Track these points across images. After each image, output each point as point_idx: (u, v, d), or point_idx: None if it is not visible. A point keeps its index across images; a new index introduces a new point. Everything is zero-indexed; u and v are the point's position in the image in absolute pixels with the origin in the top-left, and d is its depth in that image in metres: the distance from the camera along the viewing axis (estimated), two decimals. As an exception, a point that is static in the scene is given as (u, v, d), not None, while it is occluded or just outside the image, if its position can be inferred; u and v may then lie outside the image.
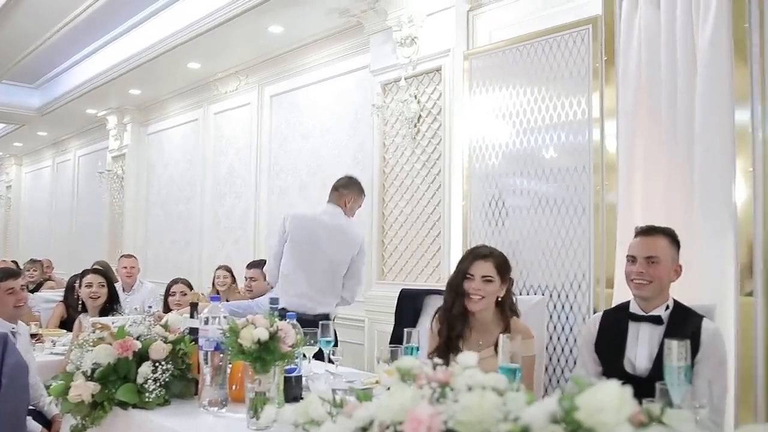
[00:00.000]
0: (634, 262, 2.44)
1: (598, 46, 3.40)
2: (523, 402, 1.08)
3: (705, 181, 3.00)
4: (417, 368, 1.28)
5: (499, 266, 2.56)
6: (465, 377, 1.19)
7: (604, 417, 0.89)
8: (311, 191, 5.74)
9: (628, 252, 2.47)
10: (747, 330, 2.83)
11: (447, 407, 1.08)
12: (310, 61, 5.76)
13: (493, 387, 1.15)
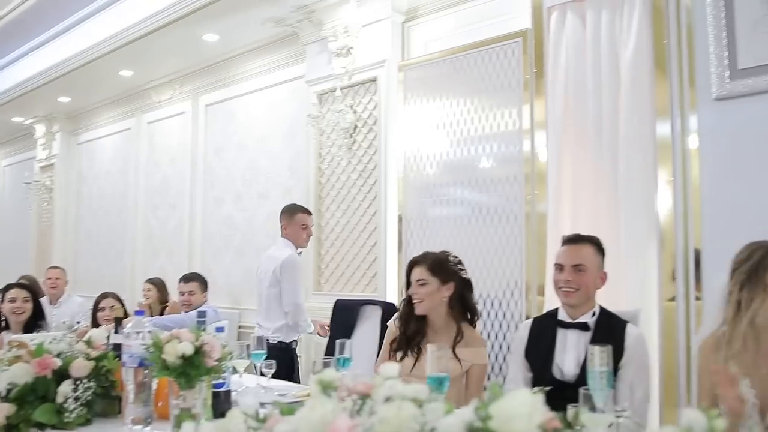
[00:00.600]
0: (561, 270, 2.48)
1: (527, 59, 3.49)
2: (442, 412, 1.08)
3: (629, 191, 3.11)
4: (338, 380, 1.26)
5: (432, 267, 2.60)
6: (386, 388, 1.18)
7: (516, 425, 0.89)
8: (247, 202, 5.66)
9: (556, 260, 2.52)
10: (670, 334, 2.94)
11: (365, 419, 1.07)
12: (245, 71, 5.69)
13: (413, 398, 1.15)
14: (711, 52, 2.86)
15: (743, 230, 2.70)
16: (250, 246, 5.59)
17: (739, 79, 2.80)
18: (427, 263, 2.62)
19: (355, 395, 1.20)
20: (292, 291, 3.79)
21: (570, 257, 2.47)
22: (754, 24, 2.77)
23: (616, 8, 3.23)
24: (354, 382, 1.24)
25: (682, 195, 2.95)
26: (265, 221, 5.45)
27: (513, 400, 0.91)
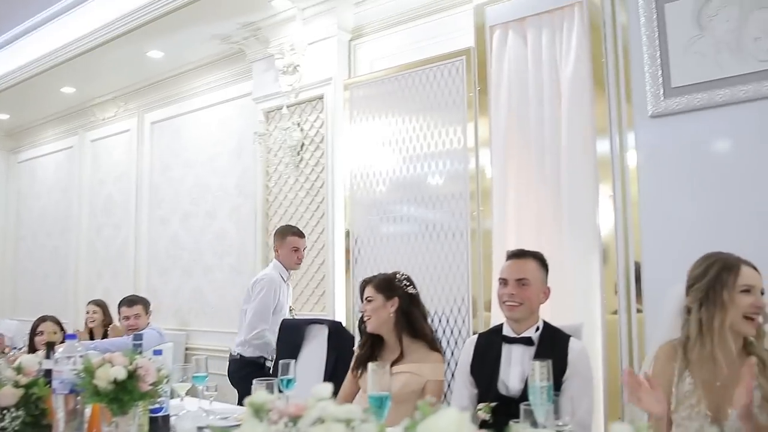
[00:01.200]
0: (505, 284, 2.49)
1: (471, 78, 3.53)
2: None
3: (572, 207, 3.17)
4: (270, 403, 1.23)
5: (378, 285, 2.67)
6: (317, 410, 1.16)
7: (444, 444, 0.88)
8: (194, 221, 5.56)
9: (500, 275, 2.52)
10: (613, 346, 2.99)
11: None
12: (192, 88, 5.61)
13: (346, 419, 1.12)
14: (646, 71, 2.95)
15: (681, 243, 2.80)
16: (198, 265, 5.48)
17: (672, 97, 2.89)
18: (375, 282, 2.69)
19: (286, 417, 1.18)
20: (254, 310, 3.76)
21: (514, 272, 2.49)
22: (685, 44, 2.87)
23: (556, 27, 3.30)
24: (285, 404, 1.21)
25: (622, 210, 3.01)
26: (213, 240, 5.37)
27: (440, 419, 0.89)
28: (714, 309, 1.92)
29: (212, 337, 5.23)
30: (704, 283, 1.96)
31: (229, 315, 5.17)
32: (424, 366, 2.55)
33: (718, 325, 1.91)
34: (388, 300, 2.63)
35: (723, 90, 2.78)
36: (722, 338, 1.91)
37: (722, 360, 1.90)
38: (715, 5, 2.82)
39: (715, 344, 1.91)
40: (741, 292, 1.92)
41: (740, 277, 1.93)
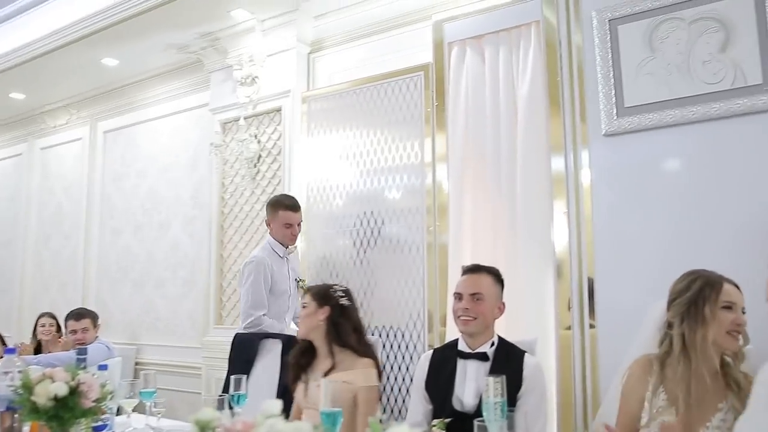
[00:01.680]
0: (460, 299, 2.49)
1: (429, 93, 3.55)
2: (322, 450, 1.03)
3: (527, 223, 3.20)
4: (216, 420, 1.20)
5: (314, 293, 2.71)
6: (266, 427, 1.13)
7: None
8: (147, 232, 5.43)
9: (455, 290, 2.54)
10: (566, 361, 3.01)
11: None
12: (147, 97, 5.51)
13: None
14: (600, 90, 3.01)
15: (633, 260, 2.85)
16: (150, 277, 5.35)
17: (625, 116, 2.96)
18: (312, 290, 2.74)
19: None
20: (244, 296, 3.49)
21: (468, 286, 2.50)
22: (637, 65, 2.94)
23: (513, 46, 3.35)
24: (232, 422, 1.17)
25: (576, 226, 3.05)
26: (166, 252, 5.25)
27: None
28: (696, 324, 1.94)
29: (164, 352, 5.11)
30: (686, 298, 1.99)
31: (182, 329, 5.06)
32: (353, 373, 2.52)
33: (701, 340, 1.93)
34: (320, 308, 2.64)
35: (673, 111, 2.85)
36: (705, 353, 1.93)
37: (706, 375, 1.91)
38: (666, 28, 2.90)
39: (699, 359, 1.92)
40: (723, 308, 1.95)
41: (722, 293, 1.96)
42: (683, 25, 2.87)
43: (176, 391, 4.62)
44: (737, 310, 1.96)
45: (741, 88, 2.73)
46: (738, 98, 2.72)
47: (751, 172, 2.66)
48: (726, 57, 2.77)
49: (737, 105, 2.72)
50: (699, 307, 1.95)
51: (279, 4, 4.17)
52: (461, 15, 3.52)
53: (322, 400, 1.82)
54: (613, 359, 2.53)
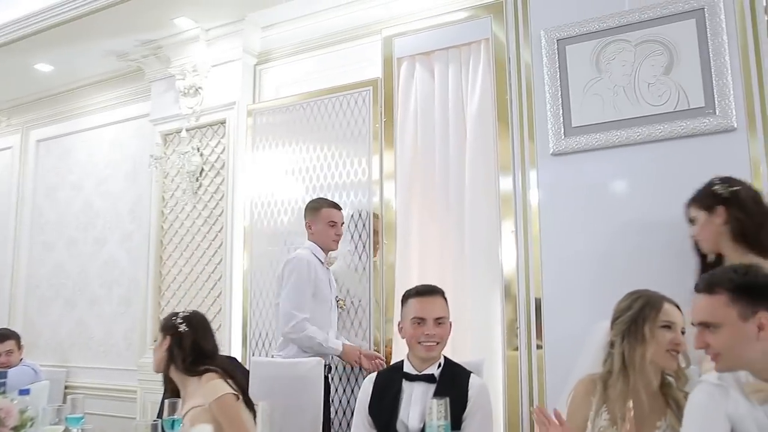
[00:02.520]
0: (422, 323, 2.41)
1: (378, 109, 3.50)
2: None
3: (475, 243, 3.17)
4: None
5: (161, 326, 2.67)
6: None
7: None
8: (82, 247, 5.18)
9: (415, 314, 2.42)
10: (513, 382, 2.97)
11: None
12: (84, 105, 5.28)
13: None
14: (548, 109, 3.01)
15: (580, 280, 2.84)
16: (83, 296, 5.10)
17: (572, 136, 2.96)
18: (161, 322, 2.68)
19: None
20: (286, 297, 3.13)
21: (431, 310, 2.43)
22: (584, 86, 2.95)
23: (462, 63, 3.34)
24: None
25: (524, 246, 3.02)
26: (102, 268, 5.02)
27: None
28: (635, 342, 1.97)
29: (96, 375, 4.86)
30: (627, 317, 2.01)
31: (116, 350, 4.83)
32: (198, 393, 2.44)
33: (639, 359, 1.95)
34: (163, 339, 2.58)
35: (619, 131, 2.87)
36: (643, 372, 1.95)
37: (643, 393, 1.93)
38: (613, 50, 2.93)
39: (637, 377, 1.95)
40: (662, 327, 1.97)
41: (662, 313, 1.98)
42: (629, 47, 2.90)
43: (110, 416, 4.41)
44: (676, 329, 1.98)
45: (684, 110, 2.77)
46: (681, 120, 2.76)
47: (695, 193, 2.69)
48: (670, 80, 2.81)
49: (681, 127, 2.76)
50: (639, 326, 1.97)
51: (225, 13, 4.07)
52: (411, 31, 3.49)
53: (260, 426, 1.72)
54: (560, 379, 2.51)
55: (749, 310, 1.61)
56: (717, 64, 2.72)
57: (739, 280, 1.65)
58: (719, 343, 1.64)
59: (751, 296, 1.63)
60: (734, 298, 1.63)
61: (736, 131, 2.66)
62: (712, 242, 2.36)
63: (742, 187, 2.36)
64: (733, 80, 2.68)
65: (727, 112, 2.68)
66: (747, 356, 1.63)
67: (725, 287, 1.65)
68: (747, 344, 1.61)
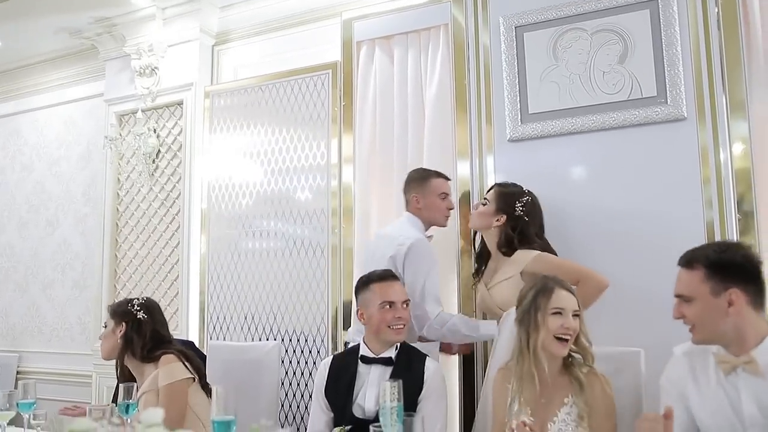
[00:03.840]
0: (391, 307, 2.41)
1: (337, 92, 3.48)
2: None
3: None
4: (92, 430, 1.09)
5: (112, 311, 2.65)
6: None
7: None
8: (33, 230, 5.05)
9: (383, 298, 2.42)
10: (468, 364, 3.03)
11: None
12: (35, 84, 5.12)
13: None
14: (505, 95, 3.05)
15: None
16: (35, 279, 4.98)
17: (529, 122, 3.01)
18: (111, 308, 2.68)
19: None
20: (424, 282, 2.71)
21: (398, 293, 2.45)
22: (541, 73, 3.00)
23: (422, 47, 3.34)
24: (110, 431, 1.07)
25: (481, 231, 3.06)
26: (55, 251, 4.91)
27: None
28: (530, 329, 2.05)
29: (49, 360, 4.77)
30: (524, 305, 2.09)
31: (70, 334, 4.75)
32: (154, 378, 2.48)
33: (533, 345, 2.03)
34: (116, 326, 2.59)
35: (575, 119, 2.93)
36: (536, 357, 2.03)
37: (537, 378, 2.02)
38: (569, 38, 2.97)
39: (531, 363, 2.03)
40: (552, 314, 2.04)
41: (551, 300, 2.05)
42: (585, 36, 2.95)
43: (64, 402, 4.32)
44: (567, 314, 2.04)
45: (637, 99, 2.84)
46: (634, 109, 2.83)
47: (647, 180, 2.77)
48: (624, 69, 2.87)
49: (633, 115, 2.83)
50: (532, 315, 2.05)
51: (182, -8, 3.99)
52: (371, 14, 3.48)
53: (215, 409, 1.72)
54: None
55: (721, 287, 1.71)
56: (669, 55, 2.78)
57: (716, 257, 1.75)
58: (693, 315, 1.74)
59: (725, 273, 1.72)
60: (709, 274, 1.72)
61: (686, 120, 2.75)
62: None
63: None
64: (684, 70, 2.76)
65: (678, 101, 2.75)
66: (719, 329, 1.73)
67: (702, 263, 1.75)
68: (718, 318, 1.71)
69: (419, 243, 2.77)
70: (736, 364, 1.73)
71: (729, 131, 2.67)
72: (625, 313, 2.66)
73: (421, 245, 2.77)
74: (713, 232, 2.64)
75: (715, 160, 2.69)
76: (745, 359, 1.71)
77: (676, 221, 2.68)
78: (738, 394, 1.72)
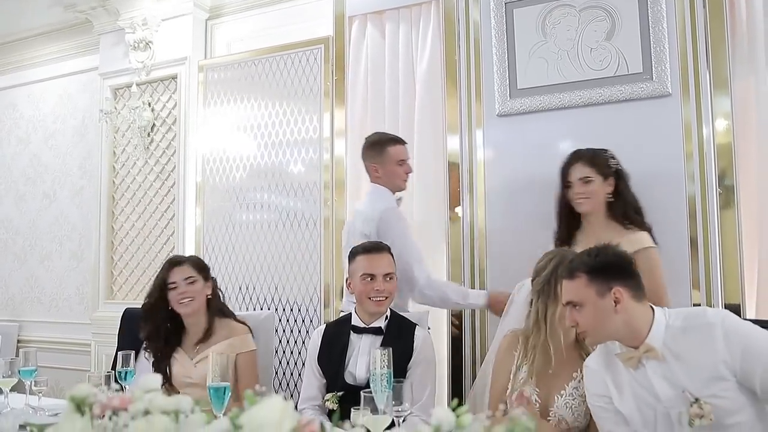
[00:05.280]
0: (373, 279, 2.47)
1: (329, 67, 3.52)
2: (200, 424, 1.03)
3: (422, 201, 3.27)
4: (93, 396, 1.16)
5: (197, 266, 2.67)
6: (145, 402, 1.10)
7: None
8: (30, 202, 5.10)
9: (364, 271, 2.48)
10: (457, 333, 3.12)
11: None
12: (30, 57, 5.11)
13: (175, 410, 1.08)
14: (495, 71, 3.10)
15: (524, 237, 2.95)
16: (34, 251, 5.05)
17: (518, 98, 3.06)
18: (191, 263, 2.68)
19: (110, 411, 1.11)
20: (402, 247, 2.74)
21: (380, 267, 2.48)
22: (530, 48, 3.05)
23: (413, 23, 3.38)
24: (109, 397, 1.14)
25: (469, 204, 3.14)
26: (52, 224, 4.96)
27: (262, 409, 0.88)
28: (548, 301, 2.07)
29: (49, 329, 4.85)
30: (543, 276, 2.11)
31: (69, 304, 4.83)
32: (239, 339, 2.60)
33: (551, 316, 2.06)
34: (206, 281, 2.66)
35: (562, 94, 2.98)
36: (553, 329, 2.07)
37: (552, 349, 2.06)
38: (558, 14, 3.01)
39: (547, 334, 2.06)
40: None
41: None
42: (574, 12, 2.99)
43: (64, 370, 4.43)
44: None
45: (623, 75, 2.89)
46: (620, 85, 2.89)
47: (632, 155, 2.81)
48: (611, 45, 2.92)
49: (620, 91, 2.89)
50: (552, 286, 2.08)
51: (175, -35, 4.00)
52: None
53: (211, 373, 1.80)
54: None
55: (605, 287, 1.77)
56: (655, 32, 2.83)
57: (593, 262, 1.81)
58: (584, 320, 1.81)
59: (605, 275, 1.79)
60: (591, 278, 1.79)
61: (670, 96, 2.80)
62: (596, 206, 2.58)
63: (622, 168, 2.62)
64: (669, 48, 2.81)
65: (663, 78, 2.81)
66: (610, 328, 1.80)
67: (582, 270, 1.80)
68: (607, 318, 1.78)
69: (386, 214, 2.83)
70: (639, 357, 1.79)
71: (712, 107, 2.74)
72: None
73: (388, 215, 2.83)
74: (695, 206, 2.72)
75: (698, 136, 2.75)
76: (644, 349, 1.78)
77: (659, 195, 2.75)
78: (650, 382, 1.79)
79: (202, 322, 2.63)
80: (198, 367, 2.53)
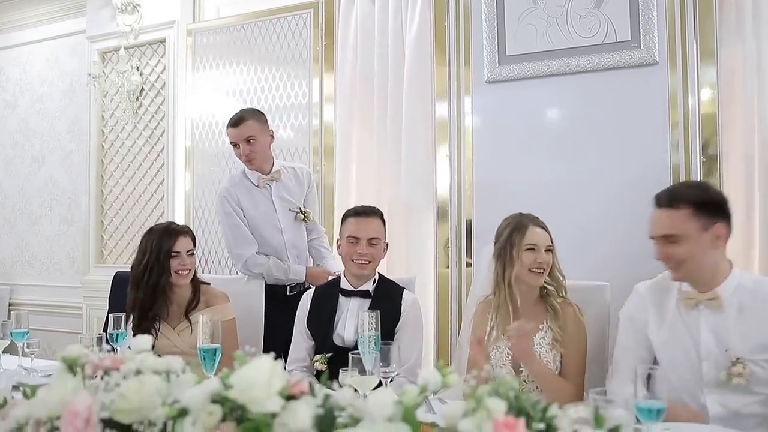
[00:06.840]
0: (356, 242, 2.50)
1: (318, 32, 3.51)
2: (191, 384, 1.07)
3: (410, 166, 3.30)
4: (84, 357, 1.20)
5: (194, 238, 2.69)
6: (136, 362, 1.14)
7: (256, 392, 0.91)
8: (19, 167, 5.09)
9: (350, 233, 2.52)
10: (444, 297, 3.19)
11: (107, 396, 1.03)
12: (15, 20, 5.04)
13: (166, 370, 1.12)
14: (484, 37, 3.09)
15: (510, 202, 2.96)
16: (24, 215, 5.05)
17: (506, 64, 3.07)
18: (190, 234, 2.68)
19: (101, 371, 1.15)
20: (225, 238, 3.03)
21: (364, 231, 2.52)
22: (520, 15, 3.04)
23: (403, -12, 3.36)
24: (100, 358, 1.18)
25: (457, 170, 3.17)
26: (41, 188, 4.96)
27: (251, 369, 0.92)
28: (505, 264, 2.19)
29: (40, 292, 4.89)
30: (501, 241, 2.23)
31: (60, 267, 4.86)
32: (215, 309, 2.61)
33: (508, 278, 2.18)
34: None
35: (551, 61, 2.99)
36: (511, 289, 2.18)
37: (511, 309, 2.17)
38: (548, -19, 3.00)
39: (505, 295, 2.19)
40: (526, 250, 2.17)
41: (526, 237, 2.18)
42: (563, -21, 2.98)
43: (56, 332, 4.47)
44: (540, 250, 2.17)
45: (612, 43, 2.90)
46: (609, 53, 2.90)
47: (618, 122, 2.86)
48: (600, 13, 2.92)
49: (608, 59, 2.90)
50: (507, 250, 2.19)
51: (162, -75, 3.94)
52: (353, -47, 3.47)
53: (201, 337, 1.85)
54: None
55: (709, 222, 1.80)
56: (644, 0, 2.83)
57: (700, 194, 1.85)
58: (682, 252, 1.80)
59: (711, 209, 1.82)
60: (696, 211, 1.80)
61: (657, 65, 2.82)
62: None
63: None
64: (657, 16, 2.81)
65: (651, 46, 2.82)
66: (704, 263, 1.82)
67: (688, 201, 1.82)
68: (705, 253, 1.81)
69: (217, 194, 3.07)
70: (699, 300, 1.84)
71: (698, 77, 2.76)
72: (593, 249, 2.80)
73: (215, 199, 3.06)
74: (678, 174, 2.76)
75: (683, 105, 2.78)
76: (710, 296, 1.82)
77: (643, 162, 2.80)
78: (698, 327, 1.83)
79: (187, 293, 2.64)
80: (181, 336, 2.57)
